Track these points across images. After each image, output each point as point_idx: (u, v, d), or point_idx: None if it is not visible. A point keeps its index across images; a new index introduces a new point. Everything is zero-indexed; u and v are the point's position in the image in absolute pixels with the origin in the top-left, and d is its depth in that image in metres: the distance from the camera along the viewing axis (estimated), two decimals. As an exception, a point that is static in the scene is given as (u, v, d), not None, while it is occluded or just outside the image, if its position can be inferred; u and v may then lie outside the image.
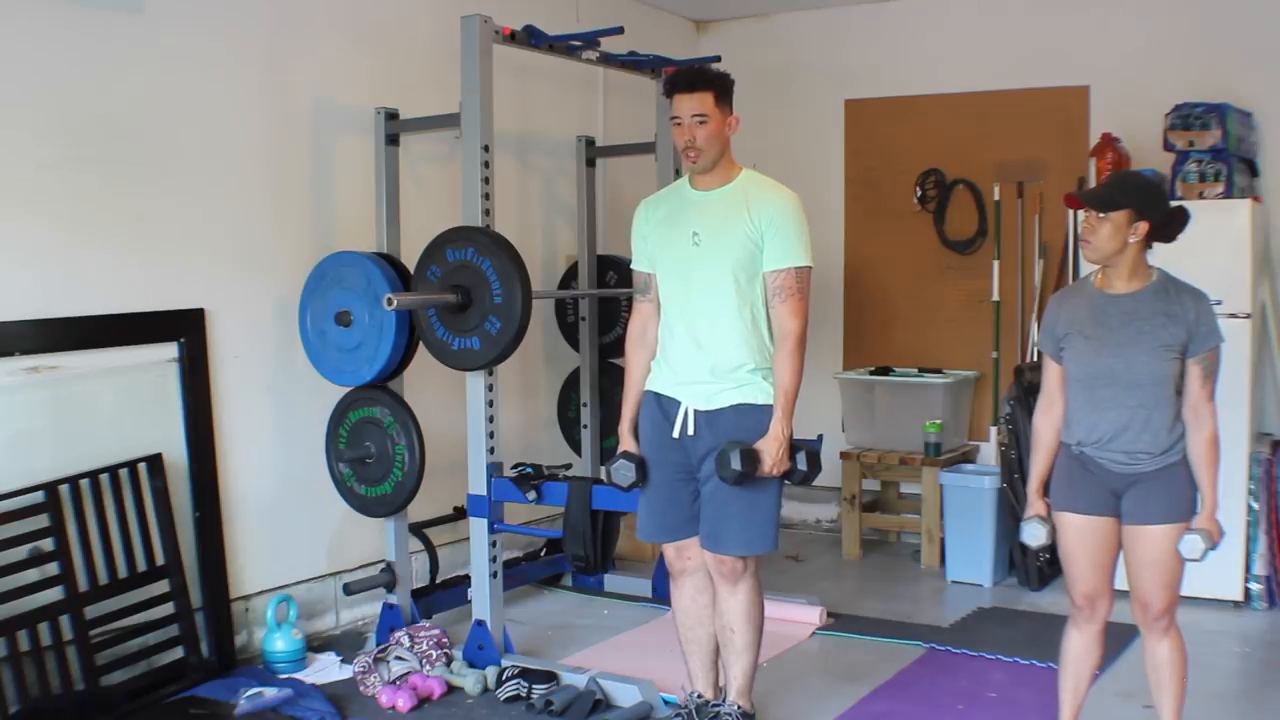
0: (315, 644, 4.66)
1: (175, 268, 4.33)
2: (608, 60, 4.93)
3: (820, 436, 4.00)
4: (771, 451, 3.50)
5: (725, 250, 3.55)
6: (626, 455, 3.72)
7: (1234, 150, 5.35)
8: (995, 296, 6.29)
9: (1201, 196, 5.27)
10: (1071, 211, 5.72)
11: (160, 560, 4.16)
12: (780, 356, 3.55)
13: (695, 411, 3.59)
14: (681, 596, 3.79)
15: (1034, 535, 3.44)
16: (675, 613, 3.83)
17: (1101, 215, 3.25)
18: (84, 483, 3.95)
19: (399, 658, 4.26)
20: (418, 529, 4.96)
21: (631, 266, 3.83)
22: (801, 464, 3.59)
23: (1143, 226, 3.24)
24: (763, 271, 3.56)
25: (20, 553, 3.76)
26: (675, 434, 3.61)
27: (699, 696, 3.80)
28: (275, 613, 4.42)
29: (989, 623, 5.12)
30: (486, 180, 4.33)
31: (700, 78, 3.59)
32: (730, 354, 3.55)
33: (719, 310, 3.56)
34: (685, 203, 3.68)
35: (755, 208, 3.55)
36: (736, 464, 3.43)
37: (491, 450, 4.41)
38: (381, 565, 4.76)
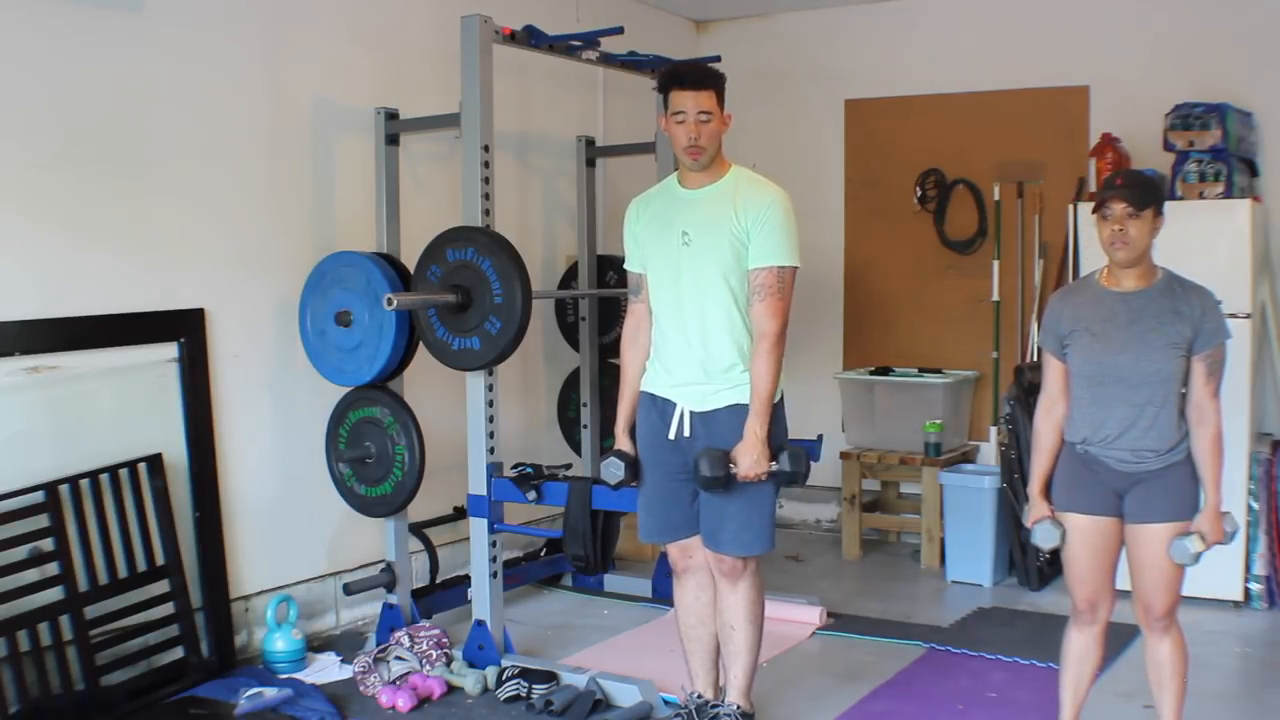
0: (315, 644, 4.66)
1: (175, 268, 4.33)
2: (608, 60, 4.93)
3: (820, 436, 4.00)
4: (748, 454, 3.46)
5: (714, 250, 3.53)
6: (619, 454, 3.72)
7: (1234, 150, 5.34)
8: (995, 296, 6.29)
9: (1201, 196, 5.27)
10: (1072, 212, 5.72)
11: (160, 560, 4.16)
12: (756, 356, 3.51)
13: (690, 413, 3.58)
14: (684, 594, 3.79)
15: (1047, 537, 3.39)
16: (678, 610, 3.83)
17: (1136, 214, 3.25)
18: (84, 483, 3.95)
19: (399, 658, 4.25)
20: (418, 529, 4.96)
21: (624, 267, 3.82)
22: (785, 465, 3.50)
23: (1160, 220, 3.28)
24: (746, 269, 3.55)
25: (20, 553, 3.76)
26: (671, 435, 3.60)
27: (699, 696, 3.80)
28: (275, 613, 4.42)
29: (989, 623, 5.12)
30: (486, 180, 4.33)
31: (707, 75, 3.56)
32: (723, 354, 3.54)
33: (710, 310, 3.54)
34: (675, 201, 3.65)
35: (742, 206, 3.53)
36: (706, 470, 3.42)
37: (491, 450, 4.41)
38: (381, 565, 4.75)
